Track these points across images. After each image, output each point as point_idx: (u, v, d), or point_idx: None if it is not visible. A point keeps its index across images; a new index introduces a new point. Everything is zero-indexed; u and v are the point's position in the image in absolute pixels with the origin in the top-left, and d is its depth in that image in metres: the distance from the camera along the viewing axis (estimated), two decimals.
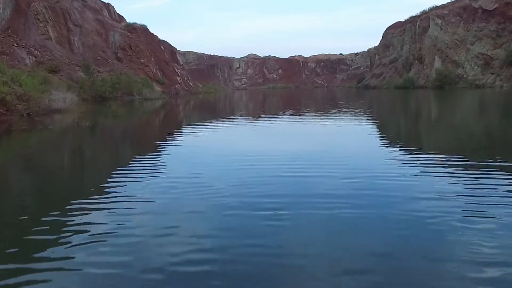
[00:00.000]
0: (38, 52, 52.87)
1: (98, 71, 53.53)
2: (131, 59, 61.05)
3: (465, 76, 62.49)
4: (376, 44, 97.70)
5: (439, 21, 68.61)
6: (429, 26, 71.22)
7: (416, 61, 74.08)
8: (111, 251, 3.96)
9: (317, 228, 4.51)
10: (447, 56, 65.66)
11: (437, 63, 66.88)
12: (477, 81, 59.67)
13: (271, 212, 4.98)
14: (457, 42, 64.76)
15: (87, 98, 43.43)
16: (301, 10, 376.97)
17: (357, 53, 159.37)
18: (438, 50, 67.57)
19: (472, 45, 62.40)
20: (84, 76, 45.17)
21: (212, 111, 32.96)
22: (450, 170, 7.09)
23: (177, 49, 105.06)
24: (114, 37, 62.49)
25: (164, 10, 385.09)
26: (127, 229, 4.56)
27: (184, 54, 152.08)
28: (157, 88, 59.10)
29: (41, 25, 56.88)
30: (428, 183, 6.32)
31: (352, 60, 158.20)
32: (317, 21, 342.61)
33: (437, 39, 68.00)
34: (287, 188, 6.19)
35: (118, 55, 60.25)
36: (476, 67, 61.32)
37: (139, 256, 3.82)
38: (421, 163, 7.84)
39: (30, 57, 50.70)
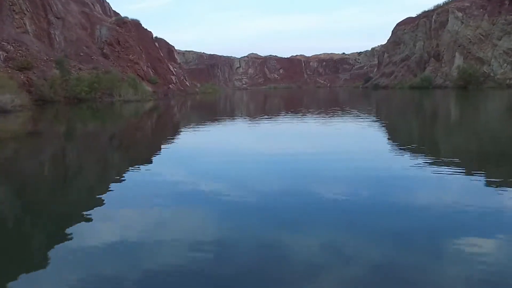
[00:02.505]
0: (12, 47, 44.73)
1: (80, 69, 45.72)
2: (119, 55, 53.10)
3: (492, 74, 54.37)
4: (380, 43, 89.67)
5: (460, 14, 60.51)
6: (447, 20, 63.13)
7: (433, 58, 65.93)
8: (108, 254, 3.82)
9: (318, 230, 4.29)
10: (470, 52, 57.56)
11: (458, 60, 58.75)
12: (508, 80, 51.58)
13: (273, 213, 4.85)
14: (481, 37, 56.68)
15: (58, 100, 35.53)
16: (301, 10, 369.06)
17: (360, 52, 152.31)
18: (459, 46, 59.46)
19: (500, 40, 54.37)
20: (58, 74, 37.09)
21: (206, 117, 24.87)
22: (467, 180, 6.45)
23: (177, 48, 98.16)
24: (100, 32, 54.55)
25: (164, 10, 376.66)
26: (123, 234, 4.34)
27: (184, 53, 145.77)
28: (148, 88, 51.09)
29: (17, 17, 48.77)
30: (439, 190, 5.86)
31: (355, 60, 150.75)
32: (317, 21, 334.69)
33: (458, 34, 59.89)
34: (288, 189, 6.02)
35: (104, 51, 52.31)
36: (505, 64, 53.22)
37: (137, 259, 3.68)
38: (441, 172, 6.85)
39: (1, 52, 42.76)
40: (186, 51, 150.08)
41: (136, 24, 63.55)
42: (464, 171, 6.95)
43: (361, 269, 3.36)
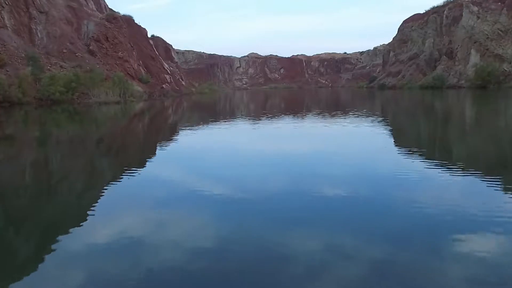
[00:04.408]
0: None
1: (61, 66, 40.63)
2: (107, 52, 47.90)
3: None
4: (382, 42, 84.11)
5: (475, 9, 55.14)
6: (461, 15, 57.73)
7: (444, 56, 60.48)
8: (109, 257, 3.72)
9: (318, 230, 4.22)
10: (487, 49, 52.18)
11: (475, 58, 53.34)
12: None
13: (274, 214, 4.74)
14: (499, 32, 51.36)
15: (28, 101, 30.35)
16: (301, 10, 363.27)
17: (362, 51, 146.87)
18: (475, 43, 54.05)
19: None
20: (29, 73, 31.83)
21: (200, 121, 19.54)
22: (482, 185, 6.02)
23: (177, 48, 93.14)
24: (87, 27, 49.34)
25: (165, 10, 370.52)
26: (124, 235, 4.22)
27: (184, 53, 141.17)
28: (138, 87, 45.91)
29: None
30: (441, 192, 5.65)
31: (357, 59, 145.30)
32: (318, 21, 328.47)
33: (474, 30, 54.50)
34: (288, 189, 5.92)
35: (91, 47, 47.11)
36: None
37: (138, 260, 3.58)
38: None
39: None
40: (185, 50, 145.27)
41: (128, 20, 58.37)
42: (469, 174, 6.65)
43: (362, 268, 3.30)
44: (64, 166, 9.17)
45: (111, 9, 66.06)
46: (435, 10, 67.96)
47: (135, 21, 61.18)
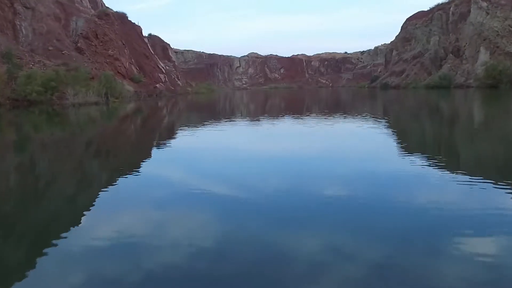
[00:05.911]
0: None
1: (44, 65, 37.59)
2: (96, 50, 44.83)
3: None
4: (383, 42, 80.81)
5: (484, 4, 51.92)
6: (469, 12, 54.49)
7: (451, 54, 57.27)
8: (109, 258, 3.62)
9: (318, 230, 4.10)
10: (498, 46, 49.02)
11: (484, 56, 50.13)
12: None
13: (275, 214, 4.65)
14: (510, 29, 48.07)
15: (2, 103, 27.31)
16: (301, 10, 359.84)
17: (363, 51, 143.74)
18: (484, 40, 50.84)
19: None
20: (4, 71, 28.75)
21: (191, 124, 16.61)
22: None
23: (176, 47, 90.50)
24: (76, 23, 46.29)
25: (164, 10, 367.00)
26: (124, 235, 4.14)
27: (183, 52, 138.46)
28: (129, 87, 42.88)
29: None
30: (441, 193, 5.53)
31: (358, 59, 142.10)
32: (318, 21, 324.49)
33: (483, 27, 51.28)
34: (288, 190, 5.81)
35: (79, 44, 44.01)
36: None
37: (137, 260, 3.50)
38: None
39: None
40: (185, 50, 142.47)
41: (121, 16, 55.30)
42: (469, 174, 6.41)
43: (362, 269, 3.25)
44: (55, 169, 8.80)
45: (107, 7, 63.14)
46: (440, 7, 64.82)
47: (129, 19, 58.17)
